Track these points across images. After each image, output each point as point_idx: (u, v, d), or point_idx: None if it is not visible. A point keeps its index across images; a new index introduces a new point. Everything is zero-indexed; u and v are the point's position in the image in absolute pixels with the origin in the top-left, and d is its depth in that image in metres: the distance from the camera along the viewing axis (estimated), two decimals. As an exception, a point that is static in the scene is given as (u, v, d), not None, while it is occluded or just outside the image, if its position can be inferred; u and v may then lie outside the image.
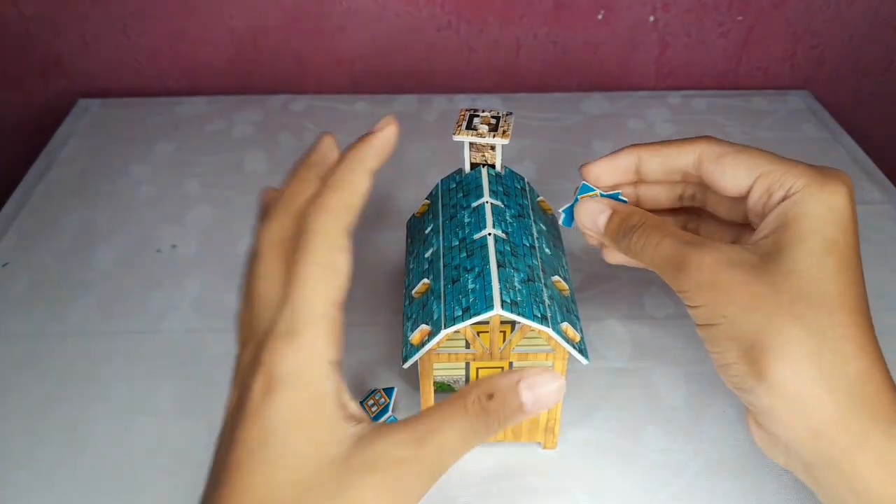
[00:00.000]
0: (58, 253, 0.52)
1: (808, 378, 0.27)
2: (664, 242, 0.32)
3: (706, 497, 0.37)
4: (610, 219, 0.35)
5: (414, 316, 0.35)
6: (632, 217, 0.34)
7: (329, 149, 0.32)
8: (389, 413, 0.39)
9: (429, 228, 0.39)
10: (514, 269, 0.33)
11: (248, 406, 0.26)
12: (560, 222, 0.37)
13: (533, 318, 0.31)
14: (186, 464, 0.38)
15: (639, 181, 0.37)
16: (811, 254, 0.29)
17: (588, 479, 0.37)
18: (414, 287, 0.36)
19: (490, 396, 0.27)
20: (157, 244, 0.52)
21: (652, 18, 0.68)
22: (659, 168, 0.35)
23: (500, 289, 0.32)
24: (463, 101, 0.68)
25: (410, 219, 0.43)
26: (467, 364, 0.35)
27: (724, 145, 0.33)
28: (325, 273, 0.27)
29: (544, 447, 0.39)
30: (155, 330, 0.46)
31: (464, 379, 0.39)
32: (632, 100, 0.69)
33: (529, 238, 0.36)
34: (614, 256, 0.38)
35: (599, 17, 0.67)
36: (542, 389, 0.28)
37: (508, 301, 0.31)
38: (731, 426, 0.40)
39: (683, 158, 0.34)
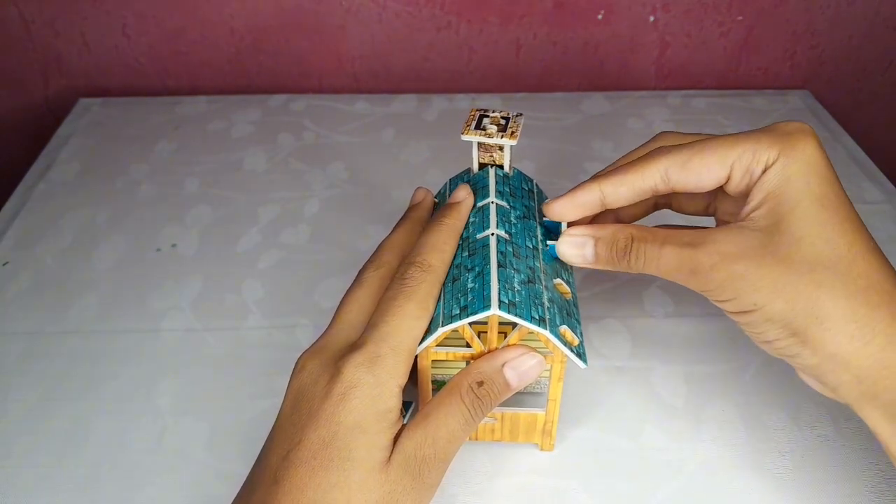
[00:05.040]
0: (58, 253, 0.52)
1: (846, 335, 0.29)
2: (664, 252, 0.32)
3: (705, 496, 0.37)
4: (596, 246, 0.34)
5: None
6: (618, 239, 0.34)
7: (428, 206, 0.39)
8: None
9: None
10: (514, 269, 0.33)
11: (323, 410, 0.30)
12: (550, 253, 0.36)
13: (531, 319, 0.31)
14: (186, 463, 0.38)
15: (607, 211, 0.37)
16: (808, 215, 0.30)
17: (587, 478, 0.37)
18: None
19: (480, 384, 0.32)
20: (157, 244, 0.52)
21: (652, 18, 0.68)
22: (627, 195, 0.34)
23: (499, 289, 0.32)
24: (463, 101, 0.68)
25: None
26: (468, 363, 0.35)
27: (682, 151, 0.33)
28: (419, 314, 0.32)
29: (541, 449, 0.39)
30: (155, 329, 0.46)
31: None
32: (632, 100, 0.69)
33: (533, 240, 0.36)
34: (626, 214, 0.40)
35: (599, 17, 0.67)
36: (523, 368, 0.33)
37: (506, 301, 0.31)
38: (730, 425, 0.40)
39: (649, 179, 0.34)
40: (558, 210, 0.35)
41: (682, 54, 0.70)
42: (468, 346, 0.34)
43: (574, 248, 0.35)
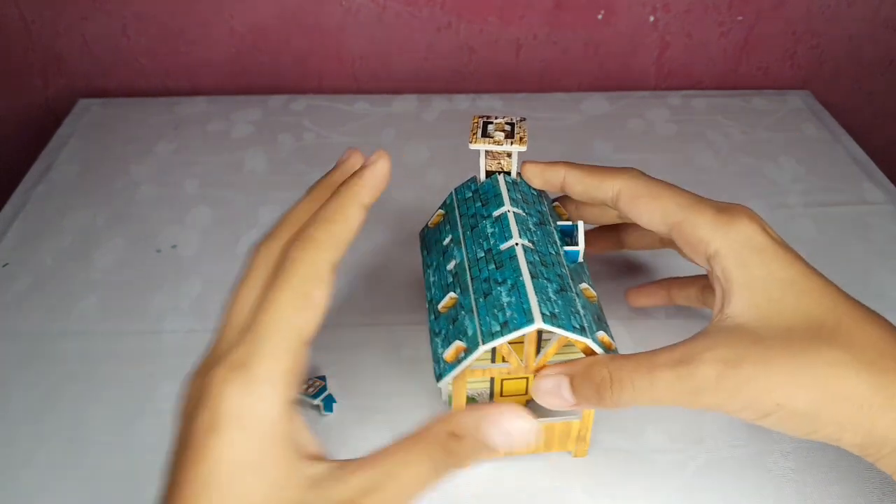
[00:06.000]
0: (58, 253, 0.52)
1: (879, 409, 0.27)
2: (657, 378, 0.29)
3: (706, 497, 0.36)
4: (572, 385, 0.31)
5: (443, 331, 0.34)
6: (592, 375, 0.31)
7: (349, 169, 0.31)
8: (328, 392, 0.41)
9: (447, 239, 0.38)
10: (546, 279, 0.32)
11: (192, 445, 0.24)
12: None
13: (572, 329, 0.30)
14: (187, 464, 0.38)
15: (580, 203, 0.40)
16: (784, 302, 0.30)
17: (587, 479, 0.37)
18: (439, 301, 0.35)
19: (457, 437, 0.25)
20: (157, 244, 0.52)
21: (652, 18, 0.68)
22: (581, 195, 0.37)
23: (538, 301, 0.31)
24: (463, 101, 0.68)
25: (424, 229, 0.42)
26: (492, 377, 0.35)
27: (640, 185, 0.35)
28: (299, 303, 0.25)
29: (575, 455, 0.38)
30: (155, 330, 0.46)
31: (488, 392, 0.38)
32: (632, 100, 0.69)
33: (554, 246, 0.35)
34: (638, 301, 0.44)
35: (599, 17, 0.67)
36: (514, 428, 0.25)
37: (548, 313, 0.30)
38: (731, 426, 0.40)
39: (603, 192, 0.36)
40: (529, 174, 0.38)
41: (682, 54, 0.70)
42: (494, 360, 0.33)
43: (549, 392, 0.32)
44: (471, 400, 0.37)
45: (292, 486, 0.24)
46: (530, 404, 0.39)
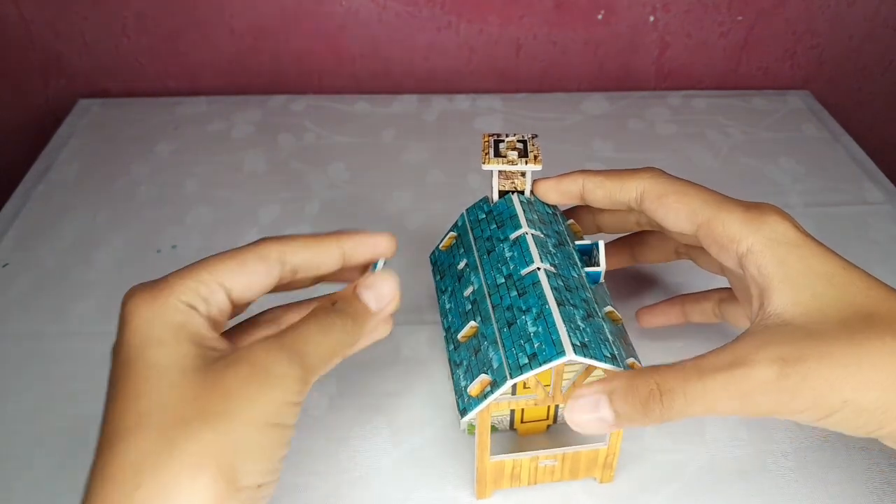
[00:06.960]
0: (58, 253, 0.52)
1: None
2: (710, 385, 0.27)
3: (707, 498, 0.36)
4: (612, 404, 0.28)
5: (465, 363, 0.32)
6: (636, 386, 0.28)
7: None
8: None
9: (462, 263, 0.37)
10: (572, 305, 0.31)
11: (117, 342, 0.30)
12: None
13: (604, 358, 0.29)
14: (187, 464, 0.38)
15: (596, 211, 0.39)
16: (828, 296, 0.29)
17: (588, 479, 0.37)
18: (458, 330, 0.34)
19: (333, 302, 0.30)
20: (157, 244, 0.52)
21: (652, 18, 0.68)
22: (602, 200, 0.36)
23: (567, 331, 0.29)
24: (463, 101, 0.68)
25: (435, 252, 0.40)
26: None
27: (664, 184, 0.34)
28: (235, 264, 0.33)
29: (601, 481, 0.37)
30: (155, 330, 0.46)
31: (508, 419, 0.38)
32: (632, 100, 0.69)
33: (575, 268, 0.34)
34: (650, 321, 0.42)
35: (599, 17, 0.67)
36: (378, 288, 0.31)
37: (578, 343, 0.29)
38: (731, 426, 0.40)
39: (625, 194, 0.35)
40: (542, 191, 0.37)
41: (682, 54, 0.70)
42: (514, 392, 0.32)
43: (586, 412, 0.28)
44: (492, 428, 0.36)
45: (194, 354, 0.28)
46: (552, 429, 0.39)
